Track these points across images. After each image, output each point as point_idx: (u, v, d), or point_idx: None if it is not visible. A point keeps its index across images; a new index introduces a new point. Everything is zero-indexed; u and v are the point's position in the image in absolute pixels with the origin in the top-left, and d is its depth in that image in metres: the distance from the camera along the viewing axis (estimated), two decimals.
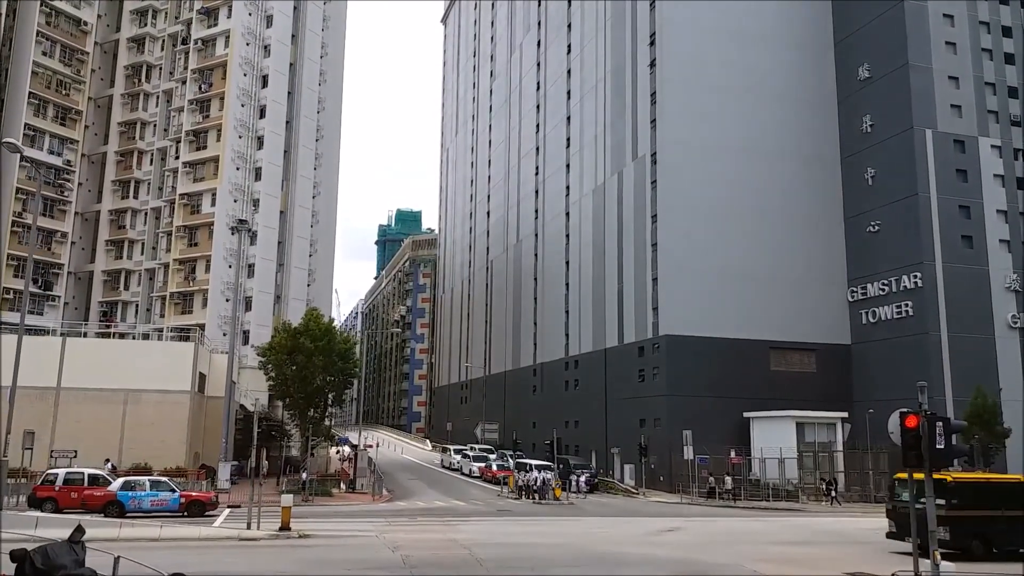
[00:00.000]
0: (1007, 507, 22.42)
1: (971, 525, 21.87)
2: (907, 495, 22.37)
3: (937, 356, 50.42)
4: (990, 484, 24.34)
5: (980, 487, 23.81)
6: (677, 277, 54.26)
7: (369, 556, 20.05)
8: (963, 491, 22.72)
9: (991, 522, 22.17)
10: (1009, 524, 22.21)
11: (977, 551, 21.62)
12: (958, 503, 22.13)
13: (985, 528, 22.09)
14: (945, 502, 21.57)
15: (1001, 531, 22.22)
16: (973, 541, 21.81)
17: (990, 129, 55.18)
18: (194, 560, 18.91)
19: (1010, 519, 22.26)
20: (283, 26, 67.94)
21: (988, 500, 22.74)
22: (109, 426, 41.02)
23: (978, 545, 21.80)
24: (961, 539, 21.75)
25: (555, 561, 20.61)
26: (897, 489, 24.20)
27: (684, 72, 56.74)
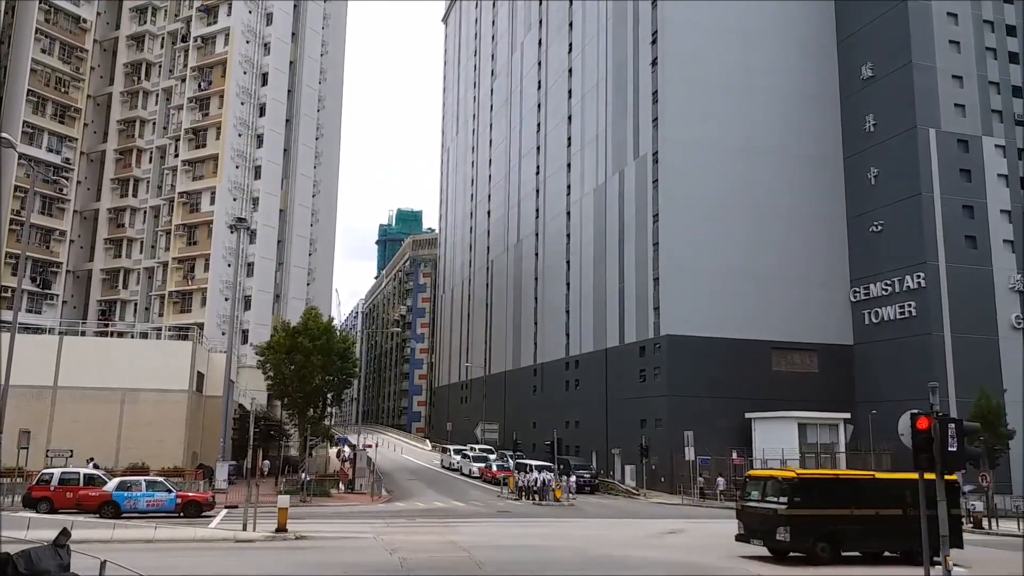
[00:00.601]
0: (858, 505, 20.72)
1: (816, 525, 20.17)
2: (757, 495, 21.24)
3: (940, 357, 50.07)
4: (839, 480, 22.68)
5: (828, 483, 22.07)
6: (678, 277, 53.94)
7: (366, 559, 19.73)
8: (808, 488, 20.88)
9: (840, 522, 20.44)
10: (860, 524, 20.57)
11: (824, 554, 20.01)
12: (801, 501, 20.31)
13: (833, 528, 20.34)
14: (787, 500, 20.23)
15: (851, 531, 20.52)
16: (819, 543, 20.08)
17: (994, 128, 54.83)
18: (186, 562, 18.62)
19: (861, 518, 20.63)
20: (283, 24, 67.69)
21: (837, 497, 20.89)
22: (106, 426, 40.71)
23: (825, 547, 20.09)
24: (803, 540, 20.11)
25: (555, 564, 20.29)
26: (748, 488, 22.39)
27: (686, 71, 56.41)
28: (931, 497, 20.89)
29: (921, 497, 13.83)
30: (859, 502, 20.74)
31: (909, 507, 20.42)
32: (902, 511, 20.37)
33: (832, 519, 20.41)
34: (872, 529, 20.65)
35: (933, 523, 20.61)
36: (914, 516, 20.33)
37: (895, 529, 20.62)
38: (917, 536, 20.43)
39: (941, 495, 12.84)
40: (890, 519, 20.61)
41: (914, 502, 20.45)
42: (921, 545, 20.38)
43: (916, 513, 20.30)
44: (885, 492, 21.44)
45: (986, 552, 26.03)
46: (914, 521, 20.30)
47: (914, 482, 22.93)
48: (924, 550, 15.17)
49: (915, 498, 20.57)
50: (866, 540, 20.92)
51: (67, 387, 41.12)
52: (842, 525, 20.36)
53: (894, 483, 22.54)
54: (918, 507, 20.45)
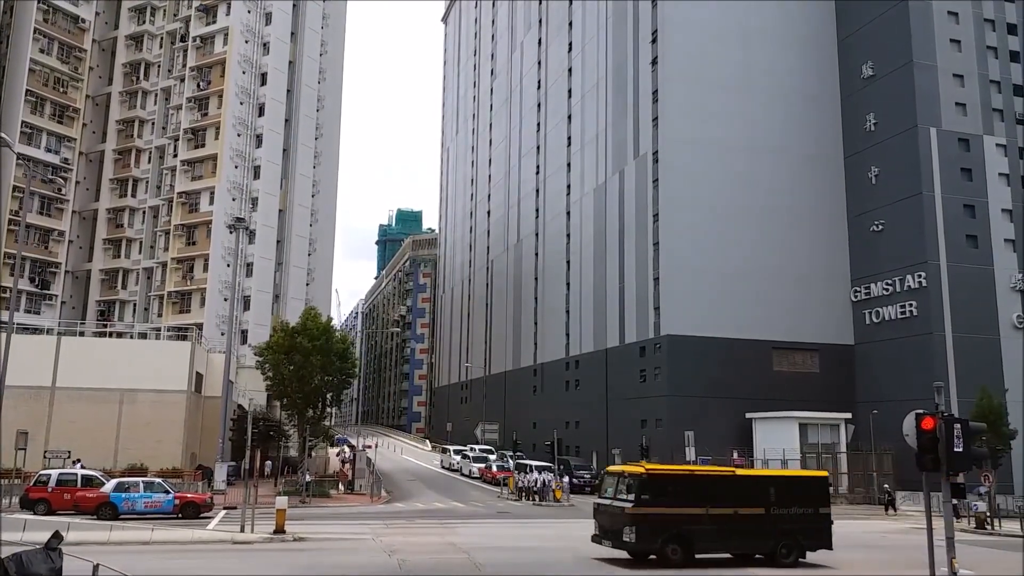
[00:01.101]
0: (715, 504, 19.50)
1: (666, 525, 18.94)
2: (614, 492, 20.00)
3: (941, 357, 49.92)
4: (693, 476, 21.16)
5: (680, 480, 20.45)
6: (679, 277, 53.79)
7: (364, 560, 19.58)
8: (657, 485, 19.38)
9: (693, 521, 19.16)
10: (717, 524, 19.37)
11: (674, 556, 18.84)
12: (650, 499, 19.02)
13: (685, 528, 19.10)
14: (634, 498, 19.01)
15: (706, 532, 19.24)
16: (670, 544, 18.84)
17: (995, 127, 54.70)
18: (183, 564, 18.47)
19: (718, 518, 19.42)
20: (282, 24, 67.52)
21: (690, 495, 19.56)
22: (104, 426, 40.57)
23: (676, 549, 18.87)
24: (651, 541, 18.88)
25: (555, 565, 20.13)
26: (604, 484, 20.79)
27: (686, 70, 56.26)
28: (797, 493, 20.33)
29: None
30: (716, 500, 19.57)
31: (773, 506, 19.89)
32: (765, 510, 19.79)
33: (684, 518, 19.19)
34: (731, 529, 19.53)
35: (800, 521, 20.03)
36: (779, 515, 19.90)
37: (758, 529, 19.76)
38: (781, 536, 19.85)
39: (946, 496, 12.67)
40: (752, 519, 19.73)
41: (779, 501, 20.02)
42: (785, 546, 19.87)
43: (781, 512, 19.89)
44: (747, 490, 20.49)
45: (987, 552, 25.90)
46: (779, 520, 19.89)
47: (780, 479, 22.16)
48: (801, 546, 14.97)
49: (780, 496, 20.14)
50: (724, 541, 19.75)
51: (65, 388, 40.98)
52: (695, 525, 19.15)
53: (757, 480, 21.93)
54: (783, 506, 19.97)
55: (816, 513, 20.39)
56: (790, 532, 20.02)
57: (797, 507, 20.21)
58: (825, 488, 21.38)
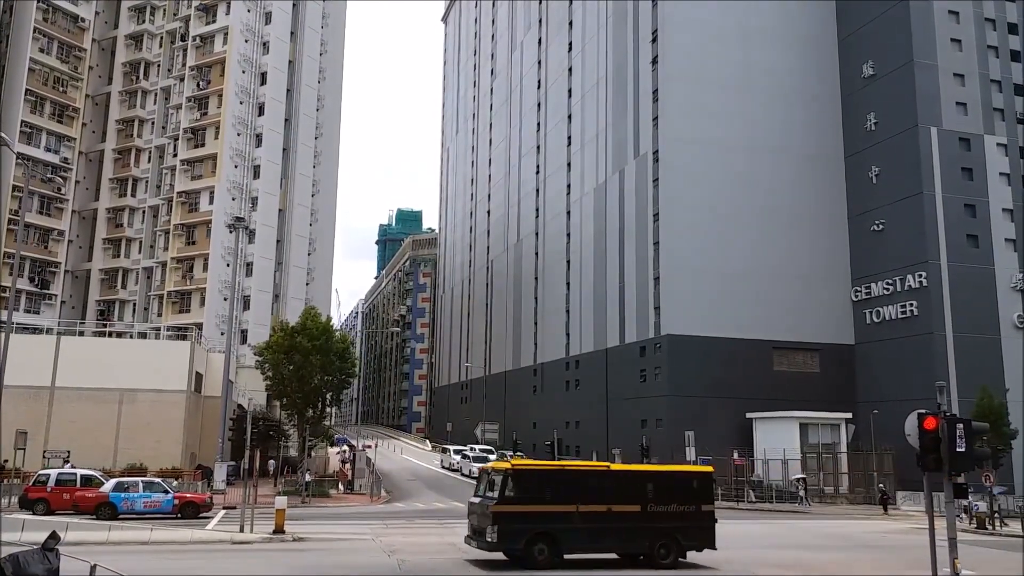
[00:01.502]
0: (586, 501, 18.50)
1: (531, 523, 17.92)
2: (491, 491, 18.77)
3: (942, 356, 49.86)
4: (564, 472, 20.14)
5: (548, 476, 19.42)
6: (679, 276, 53.72)
7: (363, 560, 19.52)
8: (522, 481, 18.30)
9: (562, 520, 18.14)
10: (589, 522, 18.30)
11: (540, 556, 17.79)
12: (515, 496, 17.98)
13: (553, 527, 18.05)
14: (498, 495, 17.99)
15: (576, 531, 18.22)
16: (536, 544, 17.79)
17: (996, 127, 54.64)
18: (181, 565, 18.41)
19: (590, 516, 18.36)
20: (282, 23, 67.49)
21: (560, 492, 18.55)
22: (104, 426, 40.50)
23: (543, 549, 17.80)
24: (514, 541, 17.80)
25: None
26: (478, 482, 19.58)
27: (686, 69, 56.20)
28: (678, 490, 19.26)
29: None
30: (588, 497, 18.57)
31: (651, 503, 19.01)
32: (642, 508, 18.91)
33: (552, 516, 18.18)
34: (604, 528, 18.53)
35: (680, 519, 19.07)
36: (657, 513, 18.92)
37: (634, 528, 18.80)
38: (659, 536, 18.82)
39: (949, 496, 12.61)
40: (627, 517, 18.77)
41: (658, 498, 18.90)
42: (664, 546, 18.71)
43: (660, 510, 18.92)
44: (623, 486, 19.56)
45: (988, 553, 25.84)
46: (657, 519, 18.91)
47: (659, 475, 20.85)
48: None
49: (659, 493, 19.17)
50: (596, 541, 18.73)
51: (65, 387, 40.90)
52: (564, 524, 18.13)
53: (634, 476, 20.77)
54: (663, 503, 18.99)
55: (698, 511, 19.42)
56: (669, 531, 19.07)
57: (678, 504, 19.28)
58: (709, 485, 20.46)
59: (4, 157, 52.19)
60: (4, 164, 55.52)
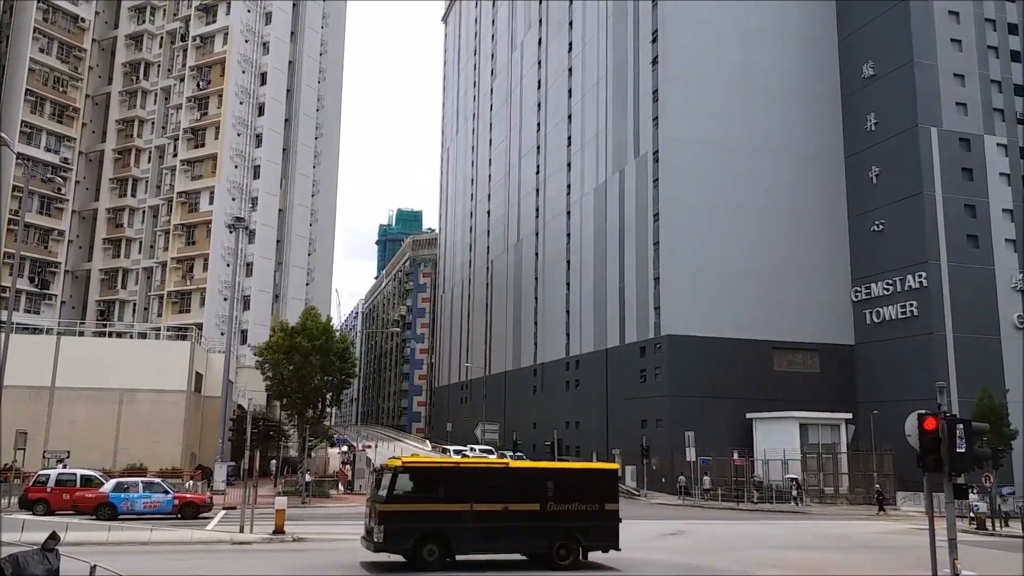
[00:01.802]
0: (481, 500, 17.80)
1: (420, 523, 17.27)
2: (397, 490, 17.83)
3: (942, 357, 49.84)
4: (457, 470, 19.43)
5: (442, 474, 18.84)
6: (679, 276, 53.71)
7: (363, 560, 19.47)
8: (412, 479, 17.79)
9: (454, 519, 17.47)
10: (483, 521, 17.59)
11: (431, 557, 17.15)
12: (404, 495, 17.44)
13: (444, 527, 17.41)
14: (386, 494, 17.42)
15: (468, 531, 17.51)
16: (427, 545, 17.12)
17: (996, 127, 54.62)
18: (181, 565, 18.40)
19: (485, 515, 17.67)
20: (282, 23, 67.49)
21: (453, 490, 17.92)
22: (104, 426, 40.51)
23: (433, 550, 17.13)
24: (402, 541, 17.14)
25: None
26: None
27: (686, 70, 56.18)
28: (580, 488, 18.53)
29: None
30: (484, 496, 17.91)
31: (551, 501, 18.33)
32: (541, 506, 18.22)
33: (443, 516, 17.52)
34: (500, 528, 17.82)
35: (582, 518, 18.31)
36: (558, 512, 18.28)
37: (532, 527, 18.07)
38: (559, 535, 18.11)
39: (949, 496, 12.60)
40: (525, 516, 18.08)
41: (558, 496, 18.42)
42: (564, 546, 18.05)
43: (561, 508, 18.24)
44: (521, 484, 18.87)
45: (988, 553, 25.83)
46: (557, 518, 18.26)
47: (560, 472, 20.31)
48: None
49: (560, 491, 18.38)
50: (491, 541, 18.02)
51: (65, 387, 40.91)
52: (457, 523, 17.47)
53: (533, 473, 20.19)
54: (563, 501, 18.30)
55: (601, 510, 18.79)
56: (570, 530, 18.42)
57: (580, 503, 18.61)
58: (613, 482, 19.74)
59: (4, 157, 52.17)
60: (4, 164, 55.51)
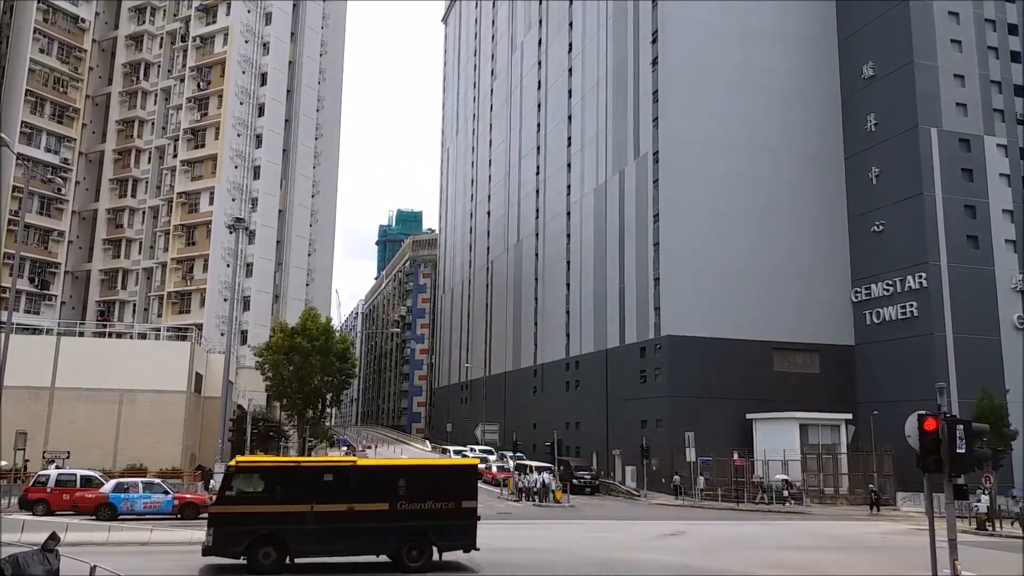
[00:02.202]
0: (323, 499, 17.18)
1: (257, 525, 16.55)
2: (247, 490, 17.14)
3: (942, 357, 49.82)
4: (298, 469, 18.53)
5: (279, 473, 17.93)
6: (679, 277, 53.71)
7: (363, 561, 19.46)
8: (247, 478, 17.16)
9: (292, 520, 16.78)
10: (324, 523, 16.88)
11: (266, 561, 16.52)
12: (237, 495, 16.83)
13: (281, 528, 16.73)
14: (217, 495, 16.95)
15: (307, 533, 16.81)
16: (261, 548, 16.44)
17: (996, 128, 54.60)
18: (181, 565, 18.37)
19: (326, 516, 17.02)
20: (282, 24, 67.55)
21: (292, 490, 17.26)
22: (104, 427, 40.48)
23: (268, 553, 16.48)
24: (235, 544, 16.43)
25: (556, 567, 20.07)
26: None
27: (686, 70, 56.19)
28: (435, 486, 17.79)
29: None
30: (326, 495, 17.25)
31: (402, 500, 17.62)
32: (390, 506, 17.56)
33: (280, 517, 16.79)
34: (344, 529, 17.13)
35: (436, 517, 17.58)
36: (409, 512, 17.61)
37: (380, 528, 17.39)
38: (410, 536, 17.41)
39: (950, 497, 12.59)
40: (372, 516, 17.39)
41: (410, 494, 17.72)
42: (415, 547, 17.30)
43: (412, 508, 17.54)
44: (369, 483, 18.06)
45: (988, 554, 25.83)
46: (408, 518, 17.56)
47: (413, 470, 19.23)
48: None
49: (413, 489, 17.78)
50: (334, 543, 17.27)
51: (65, 388, 40.89)
52: (295, 524, 16.77)
53: (383, 471, 19.25)
54: (416, 500, 17.57)
55: (458, 508, 18.07)
56: (422, 531, 17.72)
57: (434, 502, 17.90)
58: (472, 479, 18.98)
59: (4, 157, 52.20)
60: (4, 164, 55.53)
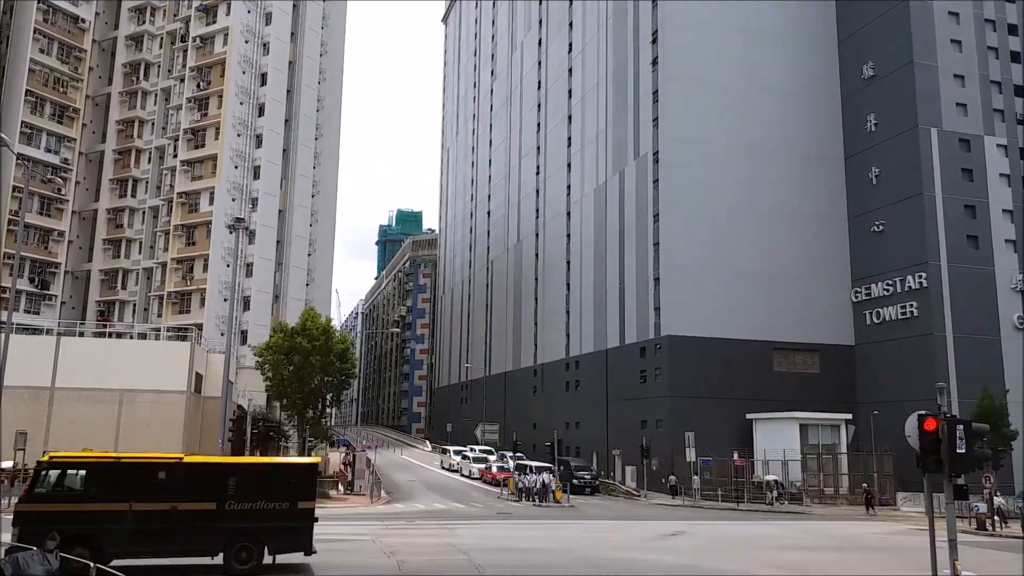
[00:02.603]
0: (143, 498, 16.54)
1: (68, 524, 15.71)
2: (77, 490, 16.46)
3: (942, 357, 49.81)
4: (118, 466, 17.37)
5: (94, 470, 16.91)
6: (679, 277, 53.72)
7: (363, 561, 19.52)
8: (60, 475, 16.48)
9: (109, 520, 16.07)
10: (143, 523, 16.17)
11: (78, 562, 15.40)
12: (47, 492, 16.14)
13: (94, 528, 15.99)
14: (26, 492, 16.23)
15: (125, 533, 16.11)
16: (74, 549, 15.37)
17: (996, 128, 54.59)
18: (180, 565, 18.35)
19: (147, 515, 16.34)
20: (282, 24, 67.53)
21: (109, 488, 16.52)
22: (104, 427, 40.42)
23: (82, 553, 15.35)
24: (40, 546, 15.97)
25: (556, 567, 20.09)
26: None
27: (686, 70, 56.19)
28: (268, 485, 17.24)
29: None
30: (148, 494, 16.62)
31: (232, 500, 17.12)
32: (218, 505, 17.04)
33: (95, 516, 16.10)
34: (165, 529, 16.44)
35: (268, 518, 17.04)
36: (238, 512, 17.10)
37: (205, 529, 16.69)
38: (239, 537, 16.82)
39: (950, 497, 12.59)
40: (198, 516, 16.76)
41: (241, 494, 17.23)
42: (244, 549, 16.66)
43: (243, 508, 17.05)
44: (195, 481, 17.43)
45: (988, 554, 25.83)
46: (237, 518, 17.02)
47: (245, 468, 18.67)
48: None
49: (244, 488, 17.27)
50: (154, 544, 16.55)
51: (65, 388, 40.87)
52: (111, 524, 16.08)
53: (211, 469, 18.55)
54: (247, 500, 17.05)
55: (293, 509, 17.55)
56: (252, 532, 17.14)
57: (267, 502, 17.36)
58: (310, 478, 18.51)
59: (4, 157, 52.19)
60: (4, 164, 55.52)
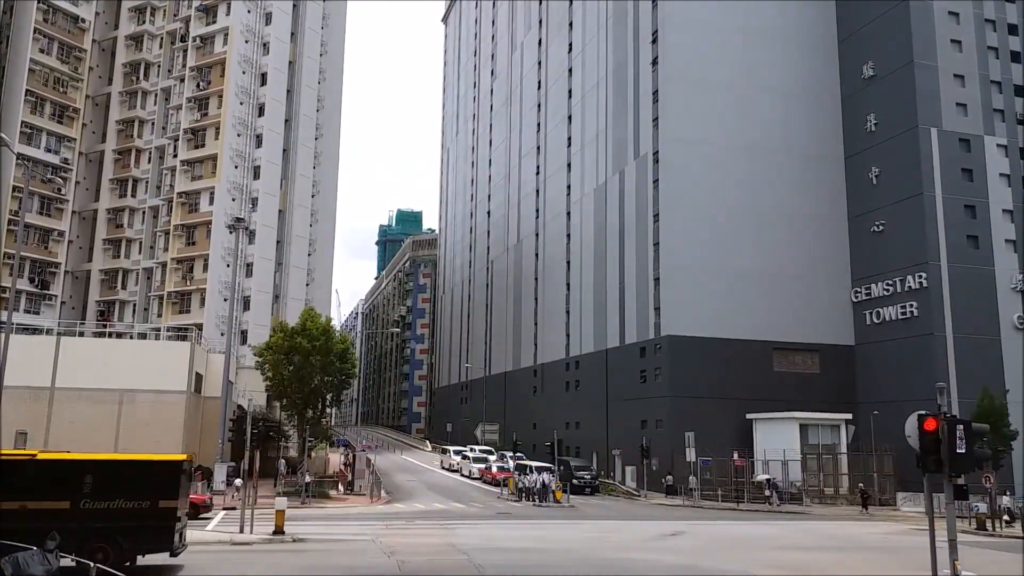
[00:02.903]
0: (53, 496, 16.21)
1: None
2: None
3: (942, 357, 49.81)
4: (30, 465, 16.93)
5: None
6: (679, 277, 53.72)
7: (363, 561, 19.52)
8: None
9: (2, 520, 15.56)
10: (46, 523, 15.05)
11: None
12: None
13: None
14: None
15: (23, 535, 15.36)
16: None
17: (996, 128, 54.59)
18: (181, 565, 18.36)
19: (43, 514, 15.87)
20: (282, 24, 67.50)
21: None
22: (103, 427, 40.41)
23: None
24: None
25: (556, 567, 20.08)
26: None
27: (686, 70, 56.20)
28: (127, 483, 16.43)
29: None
30: (55, 492, 16.37)
31: (87, 498, 16.56)
32: (71, 504, 16.47)
33: None
34: (15, 529, 15.08)
35: (126, 517, 16.43)
36: (94, 511, 16.57)
37: (59, 529, 14.59)
38: (94, 538, 16.20)
39: (950, 497, 12.59)
40: (48, 516, 15.99)
41: (97, 492, 16.66)
42: (99, 550, 15.85)
43: (99, 506, 16.57)
44: (48, 479, 16.84)
45: (988, 554, 25.83)
46: (93, 517, 16.48)
47: (102, 465, 17.92)
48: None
49: (101, 486, 16.73)
50: None
51: (64, 388, 40.84)
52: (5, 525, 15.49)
53: (65, 467, 17.65)
54: (104, 498, 16.52)
55: (154, 508, 16.81)
56: (108, 532, 16.42)
57: (125, 500, 16.70)
58: (172, 476, 17.57)
59: (4, 157, 52.18)
60: (4, 164, 55.51)
